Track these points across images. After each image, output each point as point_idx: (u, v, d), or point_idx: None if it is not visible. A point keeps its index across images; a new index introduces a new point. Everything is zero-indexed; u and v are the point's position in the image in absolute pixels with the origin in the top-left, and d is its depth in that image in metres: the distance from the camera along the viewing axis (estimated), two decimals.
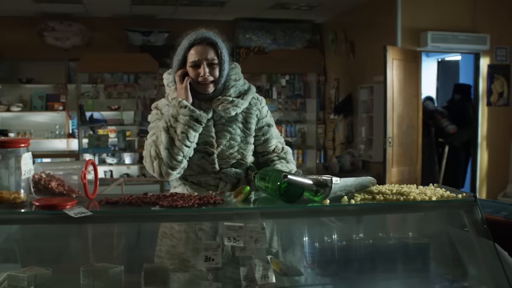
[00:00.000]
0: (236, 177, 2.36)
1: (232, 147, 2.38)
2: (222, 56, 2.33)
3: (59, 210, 1.66)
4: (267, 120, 2.49)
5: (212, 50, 2.33)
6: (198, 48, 2.33)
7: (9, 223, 1.68)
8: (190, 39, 2.35)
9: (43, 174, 1.82)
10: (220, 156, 2.37)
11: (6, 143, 1.67)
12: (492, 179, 7.51)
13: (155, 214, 1.77)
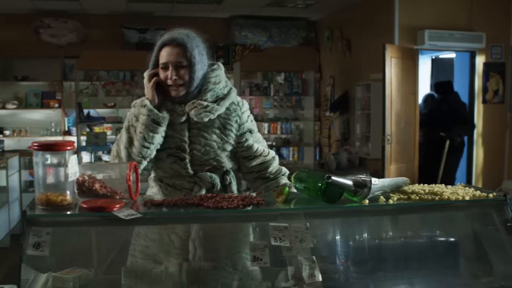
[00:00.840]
0: (210, 182, 2.30)
1: (207, 153, 2.30)
2: (192, 59, 2.24)
3: (108, 212, 1.68)
4: (248, 125, 2.40)
5: (181, 52, 2.24)
6: (168, 49, 2.26)
7: (58, 225, 1.70)
8: (162, 39, 2.30)
9: (86, 176, 1.83)
10: (194, 162, 2.31)
11: (54, 145, 1.68)
12: (488, 175, 7.61)
13: (202, 216, 1.80)
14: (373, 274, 2.00)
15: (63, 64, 8.94)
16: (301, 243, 1.73)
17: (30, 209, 1.70)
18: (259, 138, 2.46)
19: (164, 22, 9.07)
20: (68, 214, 1.68)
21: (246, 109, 2.42)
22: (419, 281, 2.10)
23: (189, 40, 2.27)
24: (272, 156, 2.46)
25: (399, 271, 2.04)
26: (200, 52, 2.28)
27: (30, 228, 1.61)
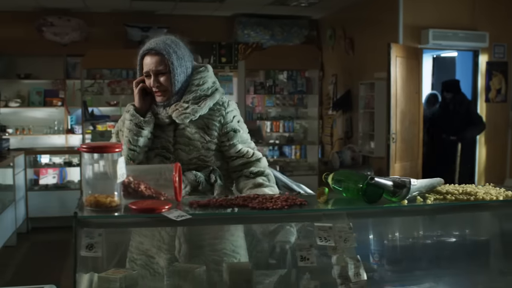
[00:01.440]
0: (195, 179, 2.36)
1: (191, 152, 2.38)
2: (170, 65, 2.32)
3: (157, 213, 1.70)
4: (232, 125, 2.44)
5: (160, 60, 2.33)
6: (147, 58, 2.35)
7: (109, 226, 1.72)
8: (142, 49, 2.39)
9: (131, 178, 1.86)
10: (179, 161, 2.34)
11: (103, 148, 1.71)
12: (490, 173, 7.67)
13: (247, 216, 1.82)
14: (407, 272, 2.04)
15: (66, 63, 8.93)
16: (345, 242, 1.77)
17: (79, 210, 1.72)
18: (245, 139, 2.49)
19: (166, 21, 9.12)
20: (120, 216, 1.71)
21: (232, 109, 2.47)
22: (449, 279, 2.15)
23: (166, 47, 2.34)
24: (257, 158, 2.48)
25: (431, 269, 2.08)
26: (178, 57, 2.35)
27: (82, 230, 1.63)
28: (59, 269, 5.84)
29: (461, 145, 7.13)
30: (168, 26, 9.05)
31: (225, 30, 9.49)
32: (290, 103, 9.00)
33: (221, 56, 9.37)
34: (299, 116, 8.85)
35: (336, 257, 1.76)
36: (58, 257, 6.29)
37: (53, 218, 7.40)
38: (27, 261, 6.52)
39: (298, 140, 8.58)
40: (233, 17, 9.46)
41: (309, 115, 8.54)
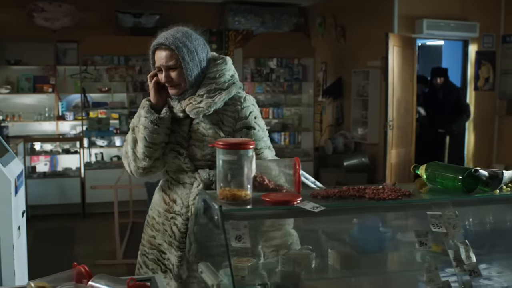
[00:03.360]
0: (209, 178, 2.31)
1: (204, 148, 2.32)
2: (181, 59, 2.26)
3: (291, 205, 1.82)
4: (247, 122, 2.36)
5: (170, 54, 2.26)
6: (158, 53, 2.30)
7: (250, 218, 1.82)
8: (153, 43, 2.32)
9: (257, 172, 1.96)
10: (193, 157, 2.35)
11: (240, 144, 1.81)
12: (478, 160, 7.98)
13: (364, 207, 1.95)
14: (489, 255, 2.21)
15: (56, 48, 8.83)
16: (454, 229, 1.93)
17: (213, 203, 1.82)
18: (260, 137, 2.39)
19: (158, 6, 9.10)
20: (260, 208, 1.81)
21: (249, 104, 2.38)
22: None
23: (176, 41, 2.26)
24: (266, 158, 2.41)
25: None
26: (190, 51, 2.28)
27: (228, 222, 1.73)
28: (66, 255, 5.88)
29: (449, 137, 7.35)
30: (161, 13, 9.04)
31: (216, 17, 9.53)
32: (280, 90, 9.12)
33: (211, 43, 9.40)
34: (288, 103, 8.97)
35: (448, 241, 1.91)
36: (61, 244, 6.31)
37: (53, 205, 7.39)
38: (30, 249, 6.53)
39: (293, 127, 8.71)
40: (223, 4, 9.50)
41: (303, 102, 8.68)
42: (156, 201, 2.50)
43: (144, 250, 2.52)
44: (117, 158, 8.72)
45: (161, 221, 2.44)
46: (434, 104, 7.49)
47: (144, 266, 2.52)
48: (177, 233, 2.36)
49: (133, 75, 7.87)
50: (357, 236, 2.19)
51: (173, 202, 2.41)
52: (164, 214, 2.44)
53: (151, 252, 2.48)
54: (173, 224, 2.38)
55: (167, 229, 2.41)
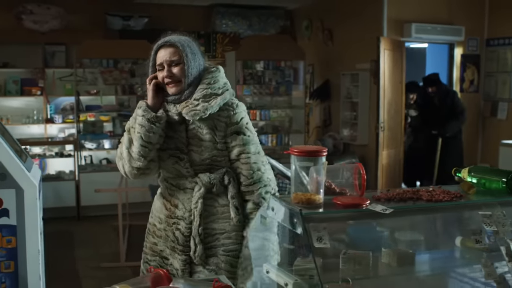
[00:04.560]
0: (210, 182, 2.39)
1: (204, 153, 2.40)
2: (185, 56, 2.38)
3: (361, 208, 1.93)
4: (238, 127, 2.43)
5: (174, 51, 2.38)
6: (162, 51, 2.41)
7: (327, 221, 1.91)
8: (156, 44, 2.44)
9: None
10: (192, 161, 2.42)
11: (316, 152, 1.91)
12: (465, 159, 8.21)
13: (428, 208, 2.07)
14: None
15: (44, 51, 8.79)
16: (503, 227, 2.06)
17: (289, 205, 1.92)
18: (248, 141, 2.44)
19: (146, 9, 9.13)
20: (335, 211, 1.91)
21: (241, 111, 2.46)
22: None
23: (181, 40, 2.41)
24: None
25: None
26: (192, 52, 2.42)
27: (308, 225, 1.83)
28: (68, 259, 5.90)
29: (442, 140, 7.52)
30: (149, 16, 9.07)
31: (203, 19, 9.60)
32: (266, 92, 9.22)
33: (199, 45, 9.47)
34: (275, 105, 9.06)
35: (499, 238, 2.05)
36: (61, 247, 6.30)
37: (47, 209, 7.31)
38: None
39: (284, 129, 8.83)
40: (211, 6, 9.57)
41: (293, 104, 8.81)
42: (157, 208, 2.56)
43: (147, 258, 2.58)
44: (106, 161, 8.73)
45: (163, 227, 2.51)
46: (431, 108, 7.64)
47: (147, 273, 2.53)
48: (180, 237, 2.44)
49: (127, 78, 7.88)
50: (408, 235, 2.31)
51: (175, 207, 2.48)
52: (166, 220, 2.50)
53: (153, 259, 2.55)
54: (176, 229, 2.46)
55: (169, 235, 2.48)
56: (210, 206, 2.45)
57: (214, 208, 2.46)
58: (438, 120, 7.46)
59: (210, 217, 2.45)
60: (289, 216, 1.91)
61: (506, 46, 7.83)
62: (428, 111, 7.63)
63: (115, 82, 7.74)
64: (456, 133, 7.55)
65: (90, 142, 8.26)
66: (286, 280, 1.93)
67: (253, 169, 2.44)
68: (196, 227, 2.41)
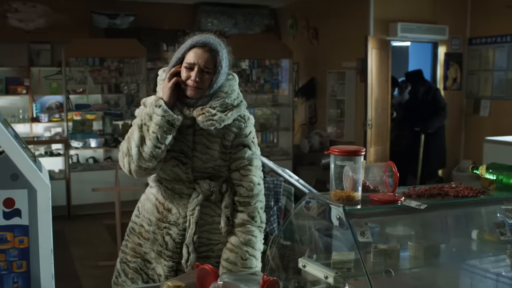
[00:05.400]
0: (209, 189, 2.35)
1: (208, 161, 2.34)
2: (219, 67, 2.28)
3: (398, 204, 2.03)
4: (246, 140, 2.39)
5: (211, 57, 2.26)
6: (198, 51, 2.26)
7: (367, 216, 2.00)
8: (193, 40, 2.29)
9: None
10: (195, 168, 2.35)
11: (356, 152, 2.00)
12: (448, 156, 8.41)
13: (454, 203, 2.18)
14: None
15: (30, 50, 8.72)
16: None
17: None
18: (252, 156, 2.43)
19: (132, 8, 9.13)
20: (375, 207, 2.01)
21: (250, 124, 2.42)
22: None
23: (221, 49, 2.30)
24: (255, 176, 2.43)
25: None
26: (226, 64, 2.32)
27: (351, 220, 1.92)
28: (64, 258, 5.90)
29: (426, 136, 7.70)
30: (135, 14, 9.07)
31: (188, 18, 9.63)
32: (252, 90, 9.31)
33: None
34: (260, 103, 9.14)
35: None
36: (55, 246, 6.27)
37: None
38: None
39: (272, 126, 8.92)
40: (196, 5, 9.61)
41: (280, 102, 8.90)
42: (148, 209, 2.46)
43: (126, 258, 2.50)
44: (93, 159, 8.71)
45: (152, 229, 2.43)
46: (414, 105, 7.82)
47: (123, 274, 2.51)
48: (170, 243, 2.37)
49: (116, 77, 7.88)
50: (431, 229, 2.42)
51: (168, 211, 2.40)
52: (157, 223, 2.42)
53: (133, 260, 2.47)
54: (166, 233, 2.39)
55: (158, 238, 2.41)
56: (206, 215, 2.39)
57: (210, 217, 2.41)
58: (422, 116, 7.62)
59: (205, 226, 2.40)
60: (330, 212, 2.00)
61: (488, 45, 8.04)
62: (411, 107, 7.80)
63: (104, 81, 7.72)
64: (438, 129, 7.72)
65: (80, 141, 8.23)
66: (326, 273, 2.02)
67: (253, 182, 2.40)
68: (191, 235, 2.34)
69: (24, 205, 3.64)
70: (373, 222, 2.02)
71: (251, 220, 2.39)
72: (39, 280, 3.68)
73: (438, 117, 7.67)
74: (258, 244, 2.41)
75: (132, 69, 8.04)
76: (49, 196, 3.64)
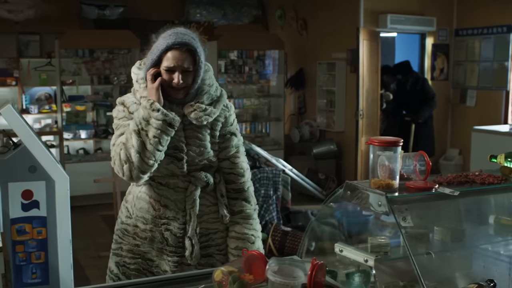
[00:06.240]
0: (205, 180, 2.38)
1: (201, 153, 2.36)
2: (199, 63, 2.28)
3: (432, 191, 2.15)
4: (231, 128, 2.45)
5: (190, 57, 2.25)
6: (176, 53, 2.23)
7: (407, 203, 2.11)
8: (168, 41, 2.24)
9: None
10: (190, 162, 2.36)
11: (396, 142, 2.11)
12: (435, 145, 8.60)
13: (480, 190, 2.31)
14: None
15: (18, 41, 8.67)
16: None
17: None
18: (238, 143, 2.49)
19: None
20: (412, 194, 2.12)
21: (233, 112, 2.47)
22: None
23: (197, 45, 2.28)
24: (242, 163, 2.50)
25: None
26: (204, 57, 2.32)
27: (393, 206, 2.03)
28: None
29: (414, 126, 7.85)
30: (124, 5, 9.06)
31: (178, 9, 9.65)
32: (240, 81, 9.37)
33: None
34: (255, 94, 9.22)
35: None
36: None
37: None
38: None
39: (264, 117, 9.00)
40: None
41: (271, 92, 8.99)
42: (141, 208, 2.44)
43: (124, 261, 2.49)
44: (83, 151, 8.71)
45: (149, 228, 2.41)
46: (402, 95, 7.96)
47: (124, 277, 2.49)
48: (171, 239, 2.38)
49: (110, 68, 7.89)
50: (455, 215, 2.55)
51: (165, 207, 2.39)
52: (153, 221, 2.41)
53: (133, 262, 2.46)
54: (165, 229, 2.38)
55: (156, 236, 2.40)
56: (202, 206, 2.41)
57: (206, 207, 2.43)
58: (411, 106, 7.78)
59: (203, 217, 2.42)
60: (369, 199, 2.11)
61: (474, 36, 8.22)
62: (401, 96, 7.95)
63: (97, 72, 7.73)
64: (427, 118, 7.89)
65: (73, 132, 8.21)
66: (366, 257, 2.13)
67: (243, 169, 2.48)
68: (193, 228, 2.36)
69: (42, 197, 3.70)
70: (416, 209, 2.12)
71: (247, 204, 2.48)
72: (57, 270, 3.75)
73: (428, 107, 7.82)
74: (258, 225, 2.52)
75: (125, 60, 8.04)
76: (67, 187, 3.70)
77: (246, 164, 2.52)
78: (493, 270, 2.46)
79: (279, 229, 5.50)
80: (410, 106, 7.82)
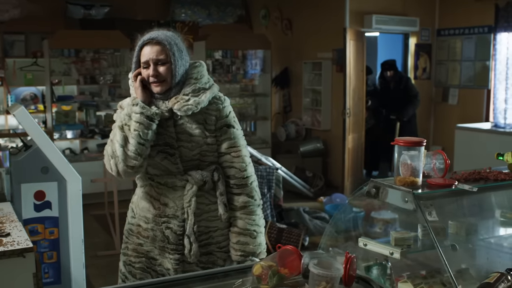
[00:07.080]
0: (202, 179, 2.40)
1: (193, 148, 2.40)
2: (171, 55, 2.34)
3: (451, 187, 2.27)
4: (227, 120, 2.46)
5: (160, 49, 2.34)
6: (147, 48, 2.35)
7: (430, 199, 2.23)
8: (142, 40, 2.37)
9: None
10: (183, 158, 2.41)
11: (420, 142, 2.22)
12: None
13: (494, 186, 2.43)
14: None
15: (3, 40, 8.61)
16: None
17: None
18: (238, 136, 2.50)
19: None
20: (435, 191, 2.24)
21: (228, 104, 2.49)
22: None
23: (167, 38, 2.36)
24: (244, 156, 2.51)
25: None
26: (179, 49, 2.38)
27: (419, 202, 2.15)
28: None
29: (399, 124, 8.04)
30: (110, 5, 9.06)
31: (163, 8, 9.69)
32: (225, 80, 9.44)
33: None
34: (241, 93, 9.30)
35: None
36: None
37: None
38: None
39: (251, 116, 9.09)
40: None
41: (258, 91, 9.09)
42: (143, 208, 2.51)
43: (130, 260, 2.54)
44: (69, 150, 8.70)
45: (151, 227, 2.47)
46: (386, 94, 8.16)
47: (130, 276, 2.55)
48: (171, 236, 2.42)
49: (100, 68, 7.90)
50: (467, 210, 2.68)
51: (165, 206, 2.45)
52: (154, 220, 2.46)
53: (138, 260, 2.51)
54: (166, 228, 2.43)
55: (158, 235, 2.45)
56: (201, 204, 2.45)
57: (206, 205, 2.46)
58: (393, 104, 7.97)
59: (203, 215, 2.46)
60: (398, 196, 2.22)
61: (455, 36, 8.44)
62: (384, 96, 8.14)
63: (87, 72, 7.73)
64: (410, 117, 8.08)
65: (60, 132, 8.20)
66: (391, 250, 2.25)
67: (245, 162, 2.49)
68: (191, 226, 2.40)
69: (54, 197, 3.76)
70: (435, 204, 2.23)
71: (251, 200, 2.49)
72: (69, 270, 3.81)
73: (412, 105, 8.02)
74: (261, 221, 2.53)
75: (114, 60, 8.06)
76: (79, 187, 3.76)
77: (248, 158, 2.52)
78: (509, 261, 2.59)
79: (275, 227, 5.62)
80: (394, 105, 8.00)
